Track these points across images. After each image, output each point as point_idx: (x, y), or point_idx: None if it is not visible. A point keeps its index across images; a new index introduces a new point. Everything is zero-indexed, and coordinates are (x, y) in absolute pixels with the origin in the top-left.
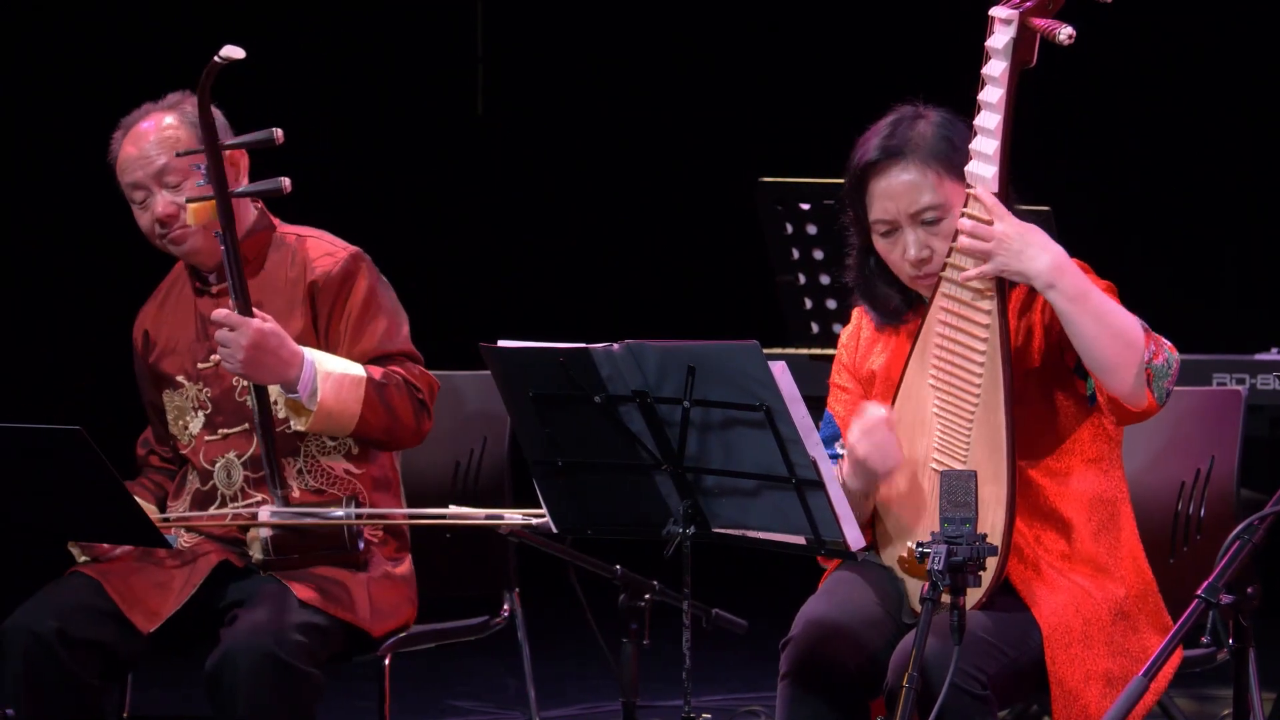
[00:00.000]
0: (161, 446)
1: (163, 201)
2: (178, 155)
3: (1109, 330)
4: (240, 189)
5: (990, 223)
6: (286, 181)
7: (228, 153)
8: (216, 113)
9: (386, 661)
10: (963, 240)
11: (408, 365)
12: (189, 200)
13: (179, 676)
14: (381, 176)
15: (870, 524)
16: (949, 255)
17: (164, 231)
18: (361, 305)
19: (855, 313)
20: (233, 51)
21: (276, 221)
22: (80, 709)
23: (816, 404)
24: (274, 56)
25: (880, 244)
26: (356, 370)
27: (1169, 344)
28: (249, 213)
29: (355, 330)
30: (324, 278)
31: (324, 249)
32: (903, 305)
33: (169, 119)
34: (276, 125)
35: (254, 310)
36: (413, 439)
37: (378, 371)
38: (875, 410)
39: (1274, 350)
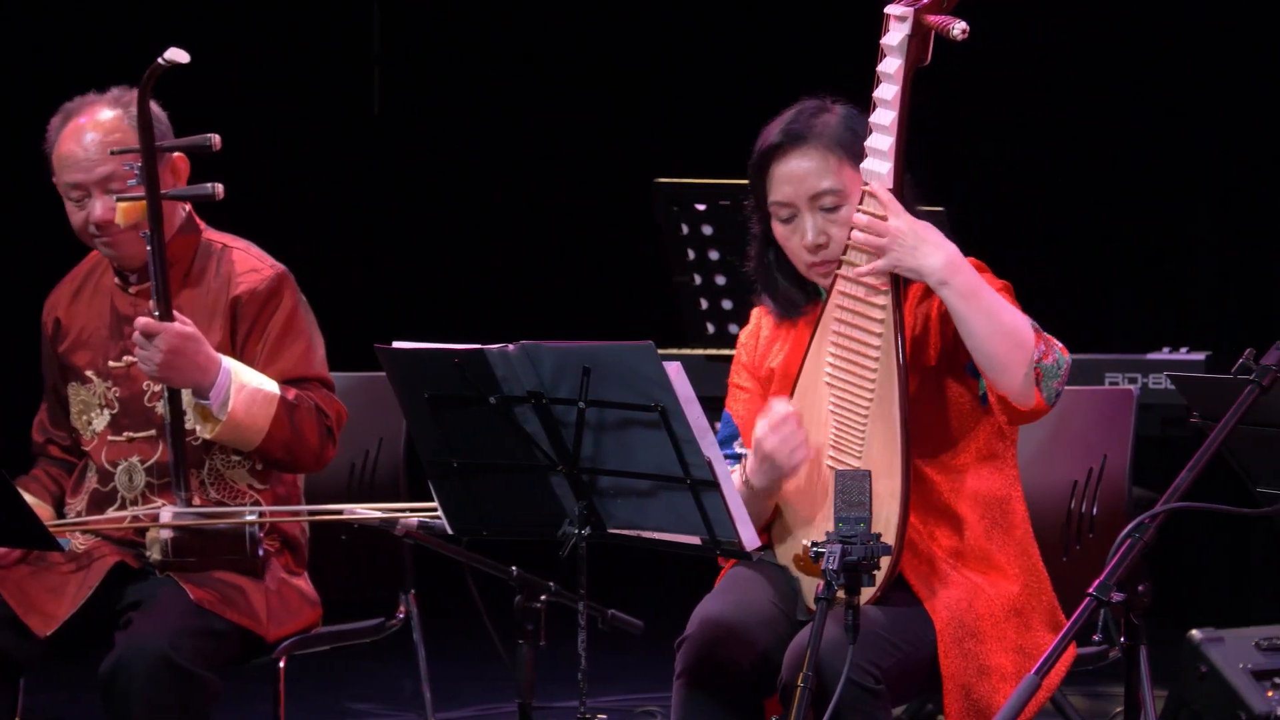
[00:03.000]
0: (58, 431)
1: (102, 206)
2: (112, 153)
3: (999, 329)
4: (171, 191)
5: (885, 218)
6: (219, 187)
7: (171, 159)
8: (160, 113)
9: (281, 664)
10: (857, 235)
11: (320, 391)
12: (119, 199)
13: (72, 680)
14: (278, 176)
15: (767, 522)
16: (845, 252)
17: (97, 234)
18: (282, 326)
19: (755, 312)
20: (177, 55)
21: (203, 226)
22: None
23: (712, 404)
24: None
25: (779, 230)
26: (271, 387)
27: (1060, 345)
28: (177, 215)
29: (273, 350)
30: (248, 294)
31: (251, 264)
32: (800, 298)
33: (110, 115)
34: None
35: (174, 314)
36: (314, 465)
37: (291, 393)
38: (781, 405)
39: (1166, 350)
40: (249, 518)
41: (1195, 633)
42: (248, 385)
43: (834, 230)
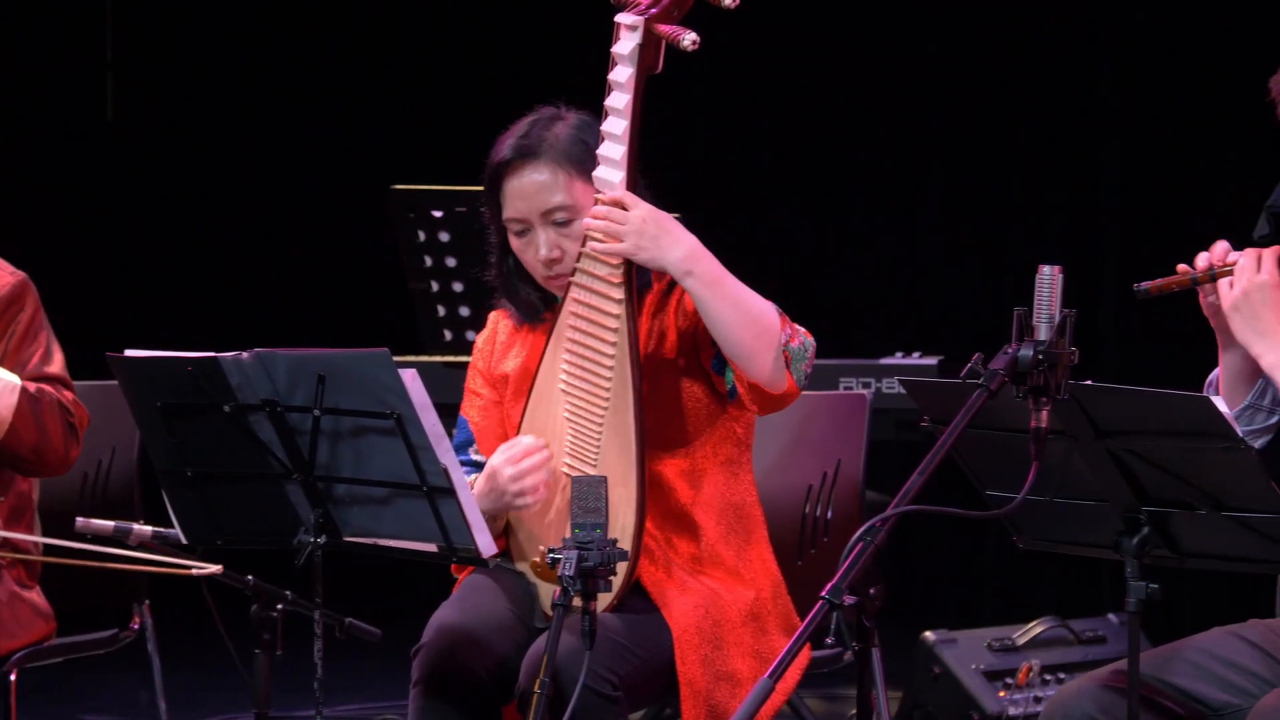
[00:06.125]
0: None
1: None
2: None
3: (746, 315)
4: None
5: (626, 209)
6: None
7: None
8: None
9: (13, 677)
10: (593, 242)
11: (63, 391)
12: None
13: None
14: (10, 182)
15: (504, 530)
16: (579, 260)
17: None
18: (23, 331)
19: (491, 316)
20: None
21: None
22: None
23: (449, 411)
24: None
25: (515, 243)
26: (10, 377)
27: (804, 329)
28: None
29: (14, 353)
30: None
31: None
32: (540, 304)
33: None
34: None
35: None
36: (60, 465)
37: (32, 386)
38: (529, 440)
39: (898, 354)
40: None
41: (928, 634)
42: None
43: (567, 244)
